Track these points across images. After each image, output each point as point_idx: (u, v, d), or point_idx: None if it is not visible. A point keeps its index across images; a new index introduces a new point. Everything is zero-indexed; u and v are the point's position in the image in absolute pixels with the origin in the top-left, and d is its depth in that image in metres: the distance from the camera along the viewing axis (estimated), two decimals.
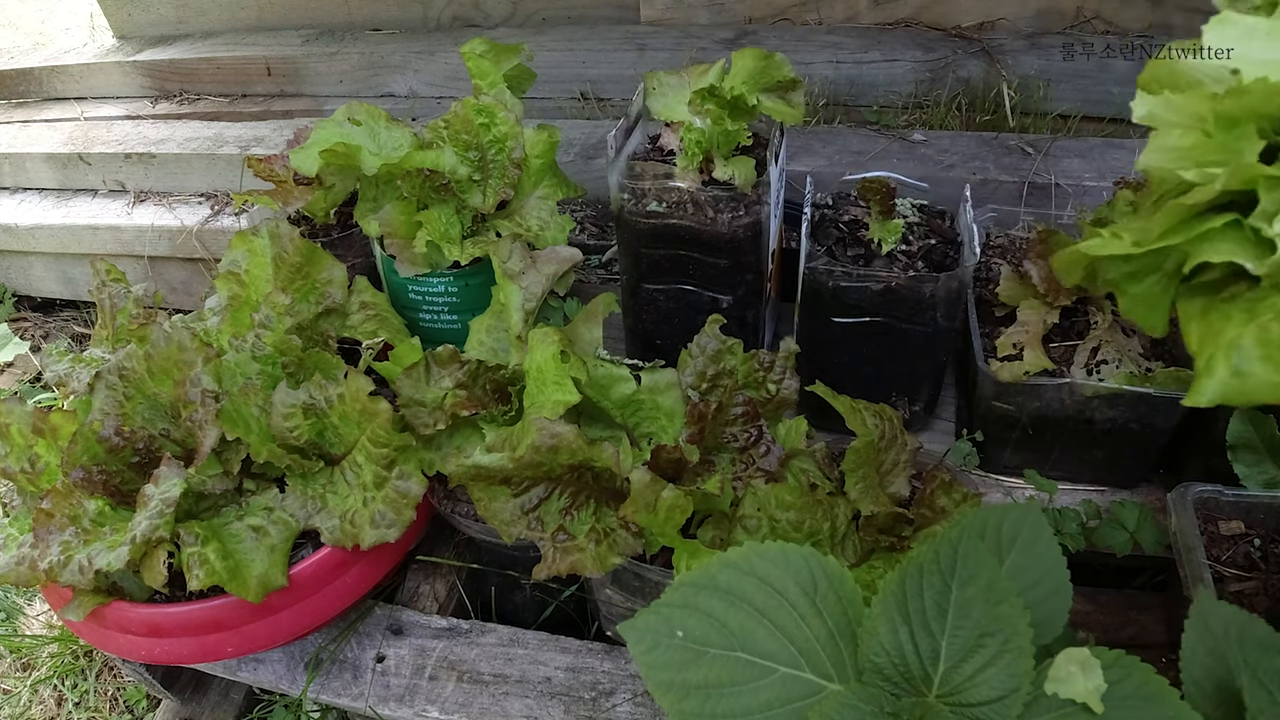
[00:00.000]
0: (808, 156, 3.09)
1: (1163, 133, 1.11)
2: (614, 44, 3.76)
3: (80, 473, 1.85)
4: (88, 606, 1.83)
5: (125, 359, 1.96)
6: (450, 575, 2.29)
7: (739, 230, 2.08)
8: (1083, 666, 1.19)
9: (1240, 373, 1.01)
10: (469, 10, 4.14)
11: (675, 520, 1.66)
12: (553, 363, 1.81)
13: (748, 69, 2.18)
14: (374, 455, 1.89)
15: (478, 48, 2.46)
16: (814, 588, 1.32)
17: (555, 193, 2.46)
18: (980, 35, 3.49)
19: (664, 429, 1.86)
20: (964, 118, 3.33)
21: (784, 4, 3.71)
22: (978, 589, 1.24)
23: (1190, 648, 1.34)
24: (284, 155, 2.54)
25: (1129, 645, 1.86)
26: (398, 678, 2.03)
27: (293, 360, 2.05)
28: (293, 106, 4.13)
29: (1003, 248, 2.36)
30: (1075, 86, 3.25)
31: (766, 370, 1.88)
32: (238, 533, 1.87)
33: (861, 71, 3.42)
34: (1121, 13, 3.35)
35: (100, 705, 2.70)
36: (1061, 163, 2.91)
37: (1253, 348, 1.01)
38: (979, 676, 1.20)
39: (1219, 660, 1.32)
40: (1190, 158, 1.09)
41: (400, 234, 2.27)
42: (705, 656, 1.28)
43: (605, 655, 2.02)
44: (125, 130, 4.01)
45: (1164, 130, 1.11)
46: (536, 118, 3.26)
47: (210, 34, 4.51)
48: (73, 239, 3.79)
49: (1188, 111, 1.11)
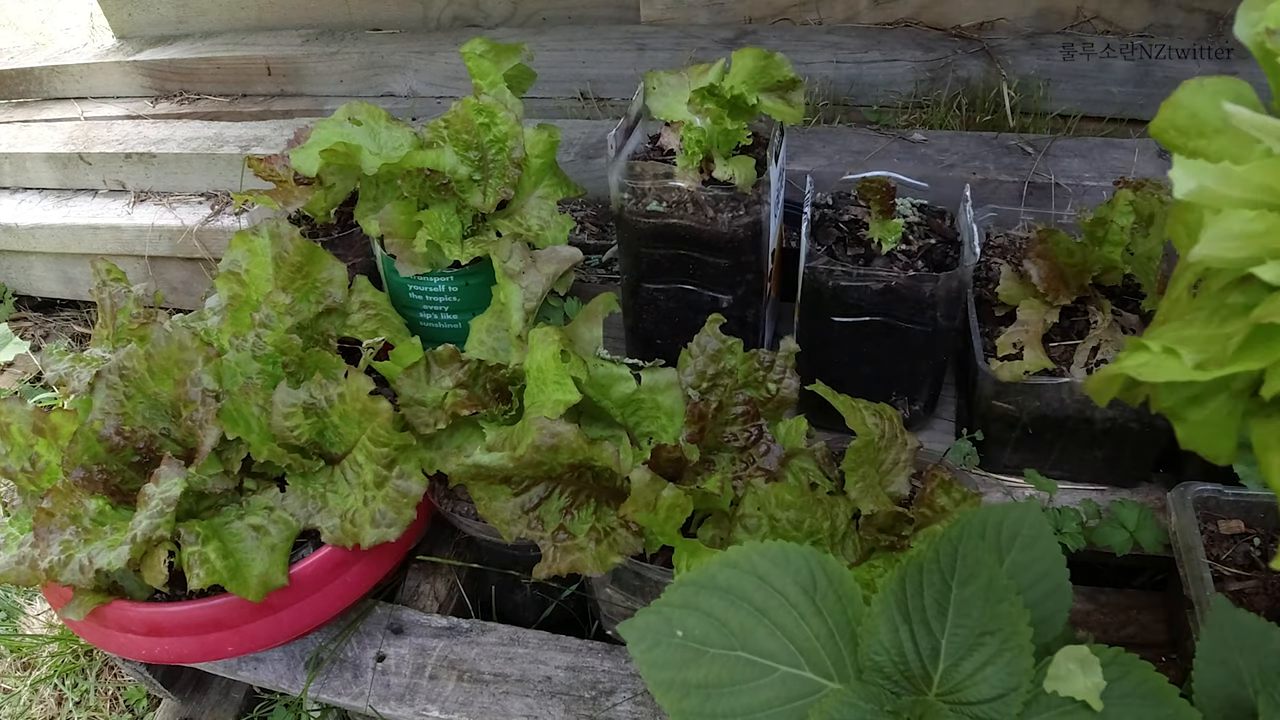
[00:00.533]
0: (808, 156, 3.09)
1: (1226, 215, 0.84)
2: (614, 44, 3.76)
3: (81, 472, 1.85)
4: (88, 606, 1.83)
5: (126, 358, 1.96)
6: (450, 574, 2.29)
7: (739, 230, 2.08)
8: (1082, 664, 1.19)
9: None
10: (469, 10, 4.14)
11: (675, 519, 1.66)
12: (553, 362, 1.81)
13: (748, 69, 2.18)
14: (374, 454, 1.89)
15: (478, 47, 2.46)
16: (814, 587, 1.32)
17: (555, 192, 2.46)
18: (980, 35, 3.49)
19: (664, 428, 1.86)
20: (964, 117, 3.33)
21: (784, 4, 3.71)
22: (978, 588, 1.24)
23: (1204, 656, 1.34)
24: (284, 155, 2.55)
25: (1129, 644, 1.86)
26: (398, 677, 2.03)
27: (293, 360, 2.05)
28: (293, 106, 4.13)
29: (1003, 247, 2.37)
30: (1075, 86, 3.25)
31: (766, 370, 1.88)
32: (238, 532, 1.87)
33: (861, 71, 3.42)
34: (1121, 12, 3.35)
35: (100, 704, 2.70)
36: (1061, 162, 2.91)
37: None
38: (979, 675, 1.20)
39: (1232, 674, 1.32)
40: (1266, 248, 0.84)
41: (400, 233, 2.27)
42: (705, 656, 1.28)
43: (605, 654, 2.02)
44: (125, 130, 4.01)
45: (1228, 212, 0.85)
46: (537, 117, 3.26)
47: (210, 34, 4.51)
48: (73, 239, 3.79)
49: (1258, 185, 0.86)
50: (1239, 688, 1.30)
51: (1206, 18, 3.31)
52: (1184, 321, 0.94)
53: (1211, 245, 0.84)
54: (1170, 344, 0.89)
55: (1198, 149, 0.96)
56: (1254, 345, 0.84)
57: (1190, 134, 0.96)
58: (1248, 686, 1.30)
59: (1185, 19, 3.31)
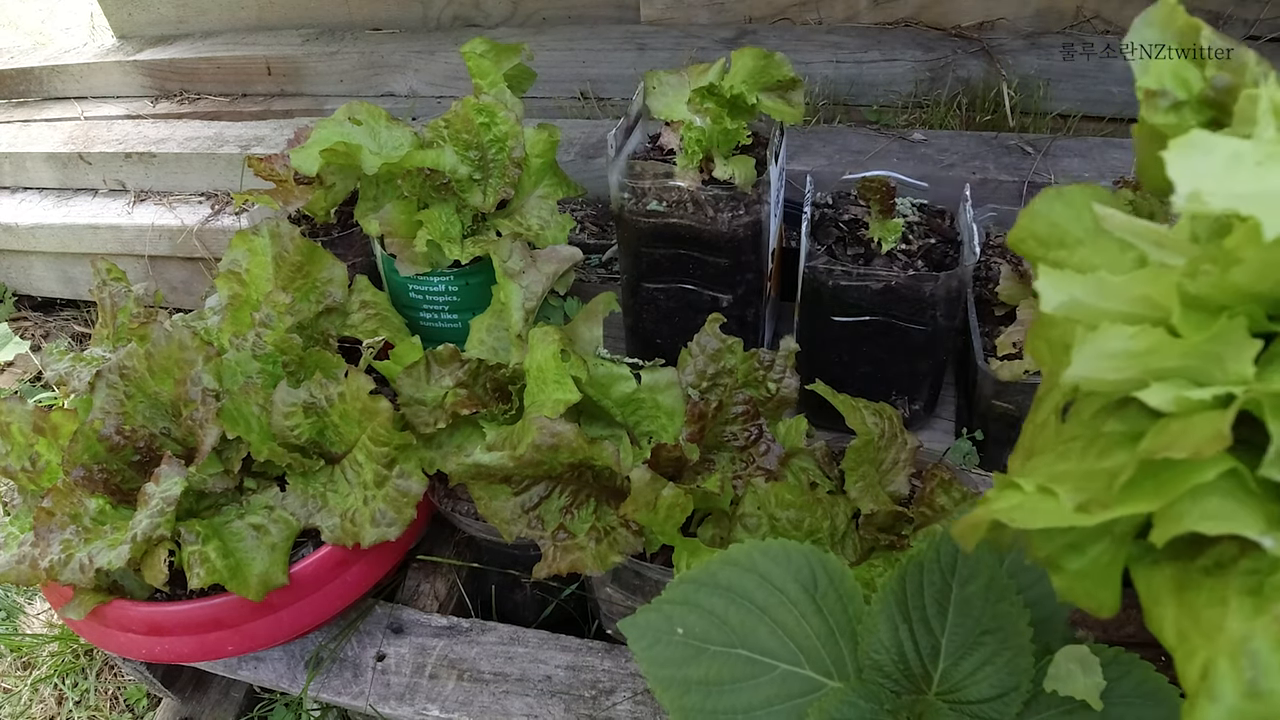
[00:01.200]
0: (808, 156, 3.09)
1: (1104, 332, 0.74)
2: (614, 43, 3.76)
3: (81, 471, 1.85)
4: (88, 605, 1.83)
5: (126, 358, 1.96)
6: (450, 574, 2.29)
7: (739, 229, 2.08)
8: (1082, 664, 1.19)
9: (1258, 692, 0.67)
10: (469, 10, 4.14)
11: (675, 519, 1.66)
12: (553, 361, 1.81)
13: (747, 68, 2.18)
14: (374, 454, 1.89)
15: (478, 47, 2.46)
16: (814, 585, 1.32)
17: (555, 192, 2.46)
18: (980, 35, 3.49)
19: (664, 428, 1.86)
20: (964, 117, 3.33)
21: (784, 3, 3.71)
22: (978, 587, 1.24)
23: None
24: (284, 155, 2.54)
25: (1128, 643, 1.86)
26: (398, 676, 2.03)
27: (293, 359, 2.05)
28: (293, 106, 4.13)
29: (1002, 247, 2.37)
30: (1075, 86, 3.25)
31: (767, 369, 1.88)
32: (238, 531, 1.87)
33: (861, 71, 3.42)
34: (1121, 12, 3.35)
35: (101, 704, 2.70)
36: (1061, 162, 2.92)
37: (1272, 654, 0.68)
38: (978, 674, 1.20)
39: None
40: (1149, 369, 0.75)
41: (401, 233, 2.27)
42: (706, 653, 1.28)
43: (605, 654, 2.02)
44: (125, 130, 4.01)
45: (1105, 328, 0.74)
46: (537, 117, 3.26)
47: (210, 33, 4.51)
48: (73, 238, 3.79)
49: (1137, 296, 0.76)
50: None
51: (1207, 18, 3.29)
52: (1057, 454, 0.86)
53: (1088, 365, 0.75)
54: (1045, 482, 0.79)
55: (1059, 260, 0.91)
56: (1142, 484, 0.74)
57: (1051, 244, 0.92)
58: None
59: None
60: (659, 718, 1.90)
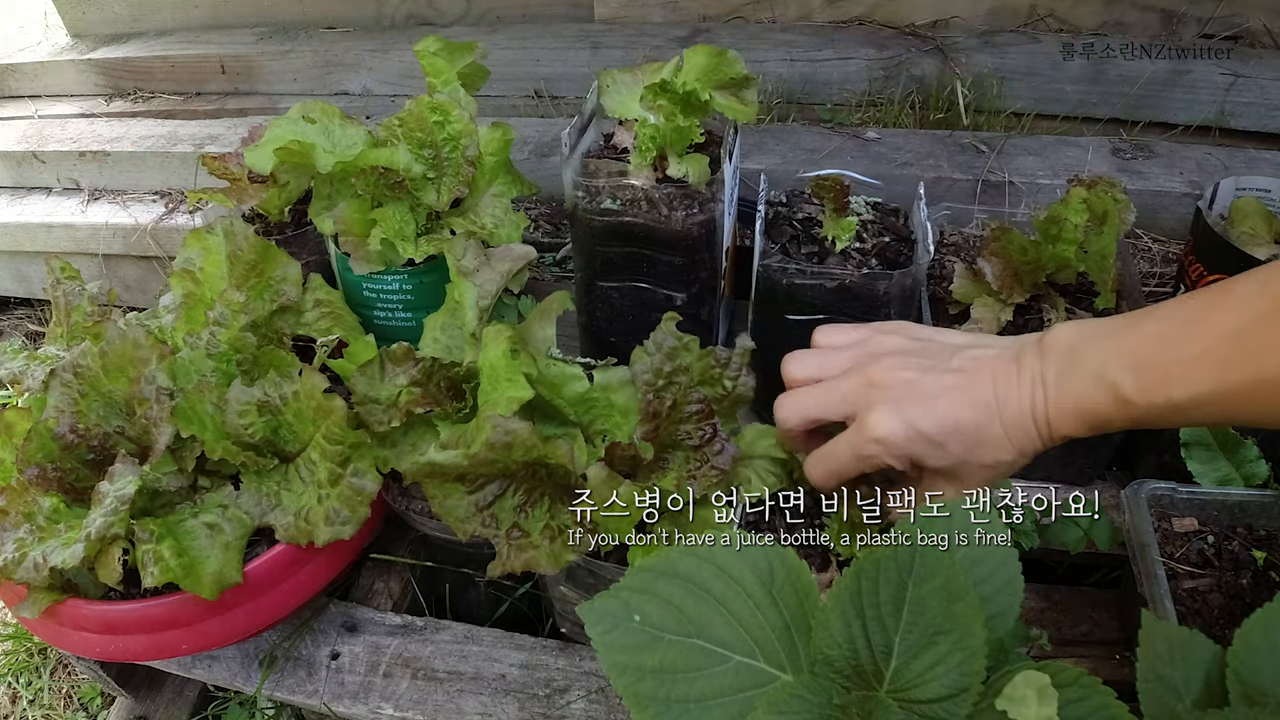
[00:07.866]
0: (761, 154, 3.10)
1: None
2: (568, 42, 3.77)
3: (35, 470, 1.84)
4: (42, 604, 1.82)
5: (80, 356, 1.95)
6: (405, 573, 2.29)
7: (693, 227, 2.09)
8: (1040, 694, 1.19)
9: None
10: (423, 8, 4.13)
11: (631, 516, 1.66)
12: (504, 359, 1.81)
13: (700, 66, 2.18)
14: (329, 452, 1.89)
15: (431, 46, 2.45)
16: (771, 579, 1.33)
17: (509, 190, 2.46)
18: (934, 33, 3.51)
19: (618, 426, 1.87)
20: (918, 116, 3.35)
21: (738, 2, 3.72)
22: (934, 587, 1.24)
23: (1143, 675, 1.34)
24: (238, 153, 2.53)
25: (1083, 642, 1.88)
26: (352, 675, 2.03)
27: (247, 358, 2.04)
28: (247, 105, 4.12)
29: (957, 245, 2.38)
30: (1029, 84, 3.28)
31: (723, 367, 1.88)
32: (192, 530, 1.86)
33: (815, 69, 3.44)
34: (1075, 10, 3.38)
35: (54, 703, 2.68)
36: (1015, 160, 2.94)
37: None
38: (930, 674, 1.21)
39: (1170, 688, 1.33)
40: None
41: (355, 231, 2.26)
42: (662, 641, 1.29)
43: (560, 652, 2.02)
44: (79, 128, 3.98)
45: None
46: (491, 115, 3.25)
47: (164, 32, 4.48)
48: (27, 237, 3.76)
49: None
50: (1176, 700, 1.31)
51: (1160, 16, 3.34)
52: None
53: None
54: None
55: None
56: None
57: None
58: (1183, 698, 1.31)
59: (1139, 17, 3.34)
60: (613, 716, 1.91)
